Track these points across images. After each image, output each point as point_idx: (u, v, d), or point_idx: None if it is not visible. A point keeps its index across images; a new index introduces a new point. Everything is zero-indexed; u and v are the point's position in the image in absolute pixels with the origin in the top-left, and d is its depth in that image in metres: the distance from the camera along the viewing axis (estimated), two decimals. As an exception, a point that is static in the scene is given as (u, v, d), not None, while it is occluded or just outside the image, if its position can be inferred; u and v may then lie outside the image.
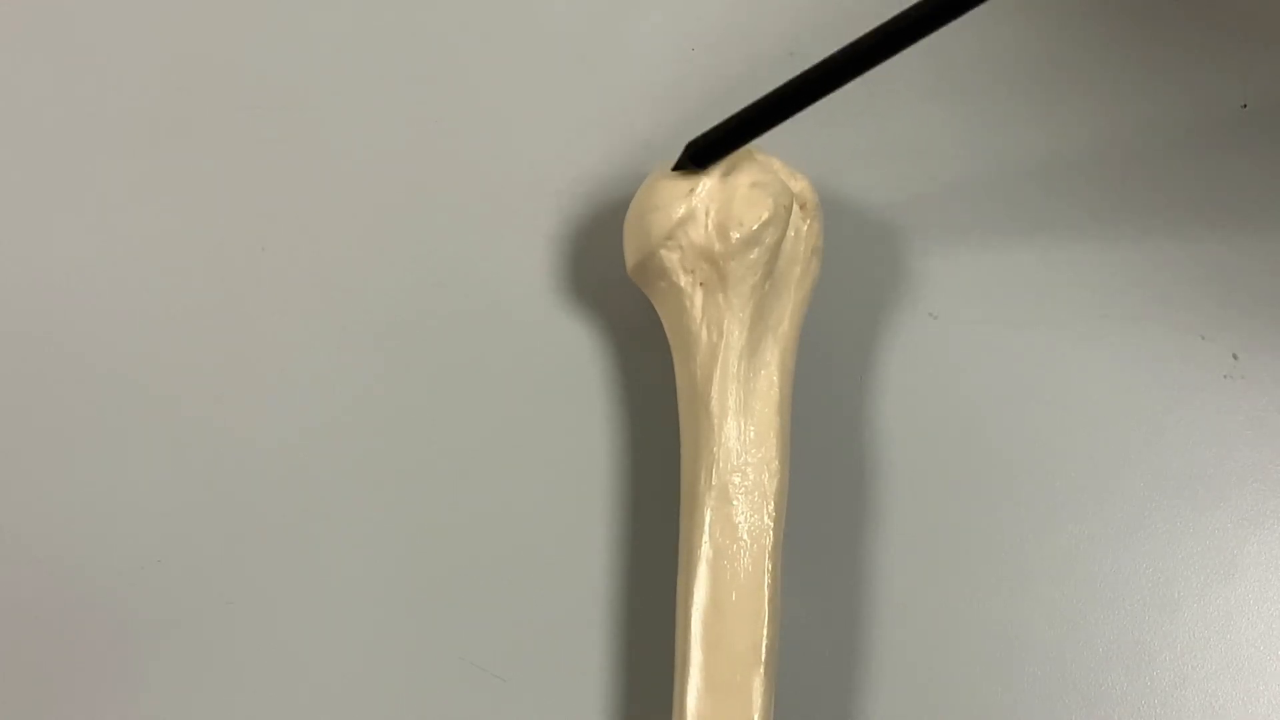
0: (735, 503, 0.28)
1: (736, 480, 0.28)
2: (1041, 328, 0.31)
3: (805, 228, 0.29)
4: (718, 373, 0.28)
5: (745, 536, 0.27)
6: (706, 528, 0.28)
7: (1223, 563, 0.29)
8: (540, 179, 0.32)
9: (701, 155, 0.29)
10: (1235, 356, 0.31)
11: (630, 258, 0.30)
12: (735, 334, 0.28)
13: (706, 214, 0.28)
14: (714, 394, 0.28)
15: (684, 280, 0.29)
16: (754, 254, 0.28)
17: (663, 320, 0.30)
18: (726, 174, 0.29)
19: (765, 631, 0.27)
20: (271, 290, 0.32)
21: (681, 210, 0.29)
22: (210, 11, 0.34)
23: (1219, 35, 0.33)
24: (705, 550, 0.27)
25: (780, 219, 0.28)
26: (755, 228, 0.28)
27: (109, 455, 0.31)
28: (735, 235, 0.28)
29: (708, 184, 0.29)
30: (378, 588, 0.30)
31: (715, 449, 0.28)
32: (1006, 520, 0.30)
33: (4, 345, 0.32)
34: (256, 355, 0.32)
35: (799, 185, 0.29)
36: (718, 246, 0.28)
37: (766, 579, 0.27)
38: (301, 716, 0.30)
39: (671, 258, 0.29)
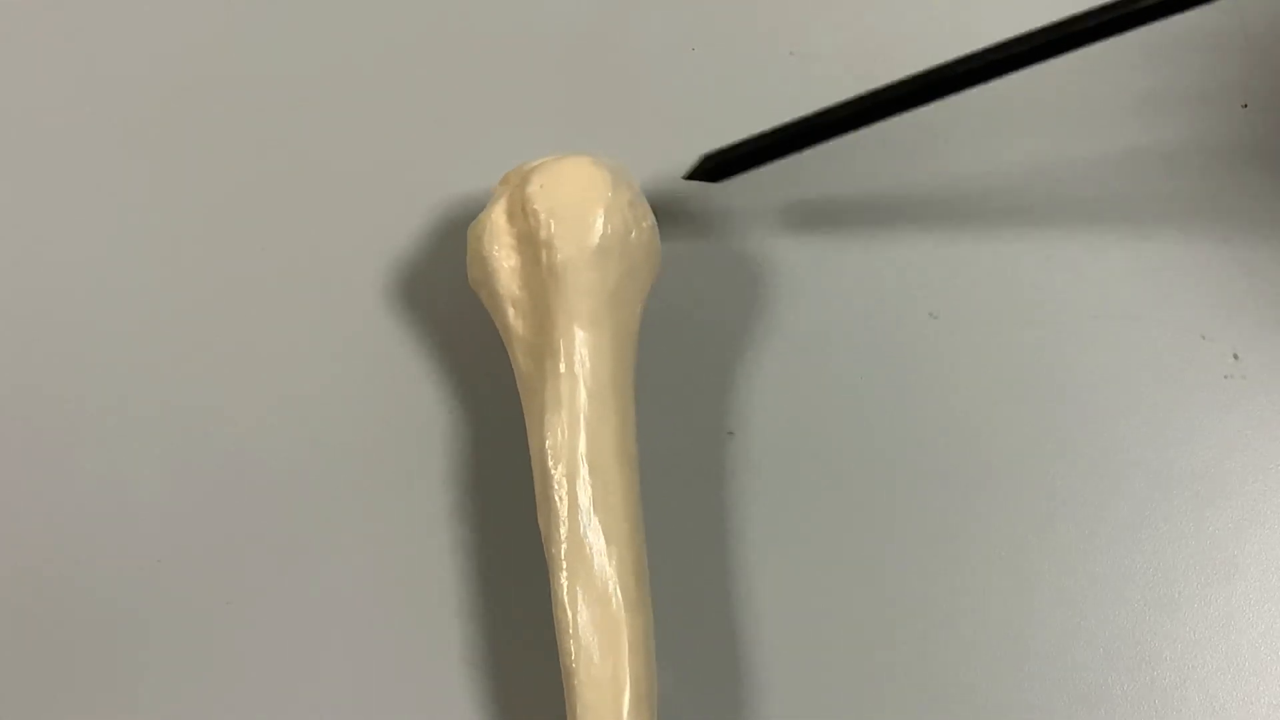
0: (569, 517, 0.27)
1: (552, 495, 0.27)
2: (1041, 328, 0.31)
3: (548, 231, 0.28)
4: (526, 396, 0.28)
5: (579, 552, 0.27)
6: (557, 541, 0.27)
7: (1223, 563, 0.29)
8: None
9: (716, 171, 0.28)
10: (1235, 356, 0.31)
11: None
12: (519, 355, 0.29)
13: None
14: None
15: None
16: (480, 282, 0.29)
17: None
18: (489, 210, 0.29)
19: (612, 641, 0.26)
20: (266, 288, 0.32)
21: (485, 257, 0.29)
22: (208, 11, 0.34)
23: (1219, 35, 0.33)
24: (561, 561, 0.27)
25: (481, 249, 0.29)
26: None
27: (109, 455, 0.31)
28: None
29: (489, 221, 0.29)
30: (377, 587, 0.30)
31: (537, 466, 0.28)
32: (1007, 520, 0.30)
33: (4, 345, 0.32)
34: (256, 355, 0.32)
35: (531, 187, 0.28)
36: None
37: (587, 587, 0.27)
38: (300, 716, 0.30)
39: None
